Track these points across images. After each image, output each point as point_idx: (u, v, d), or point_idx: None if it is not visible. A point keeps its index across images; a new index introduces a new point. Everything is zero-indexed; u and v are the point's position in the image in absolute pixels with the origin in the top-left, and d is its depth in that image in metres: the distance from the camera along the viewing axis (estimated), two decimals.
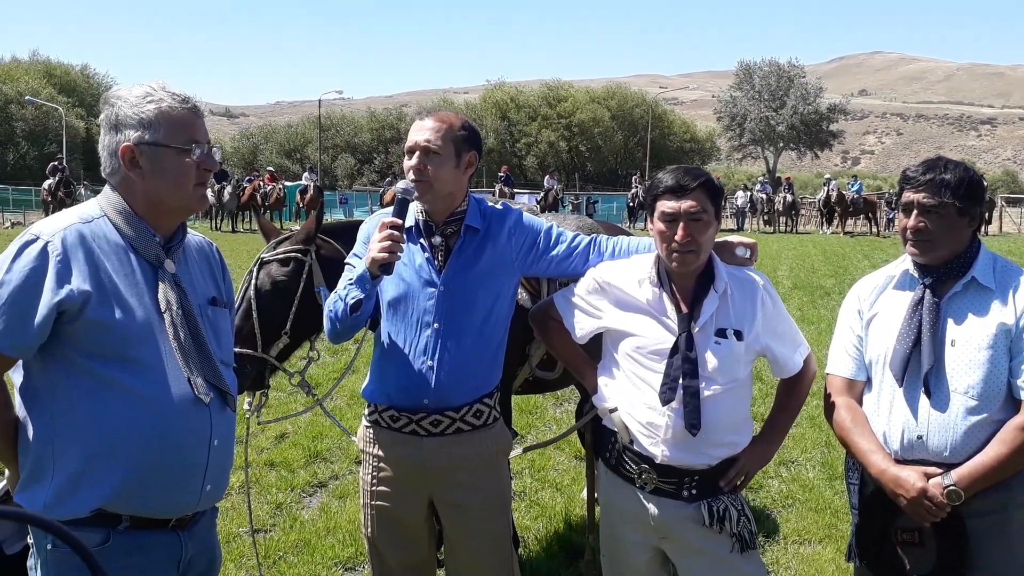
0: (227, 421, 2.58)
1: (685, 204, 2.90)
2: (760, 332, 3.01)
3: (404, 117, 72.08)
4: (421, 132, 3.10)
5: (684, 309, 2.99)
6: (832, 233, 33.64)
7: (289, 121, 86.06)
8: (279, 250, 3.95)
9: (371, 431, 3.29)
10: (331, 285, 3.63)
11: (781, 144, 75.39)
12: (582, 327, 3.24)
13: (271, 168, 40.52)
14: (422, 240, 3.17)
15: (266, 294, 3.87)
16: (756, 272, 3.11)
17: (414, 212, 3.21)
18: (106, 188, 2.51)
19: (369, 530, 3.32)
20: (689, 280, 3.01)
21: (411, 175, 3.08)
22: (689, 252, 2.92)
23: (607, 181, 64.26)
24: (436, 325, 3.12)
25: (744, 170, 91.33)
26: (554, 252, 3.32)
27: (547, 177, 36.92)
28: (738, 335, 2.97)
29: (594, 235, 3.43)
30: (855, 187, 34.67)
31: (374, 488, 3.27)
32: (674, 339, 2.96)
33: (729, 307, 2.99)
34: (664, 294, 3.03)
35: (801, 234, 33.94)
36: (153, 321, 2.41)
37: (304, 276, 3.87)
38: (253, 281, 3.91)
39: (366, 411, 3.32)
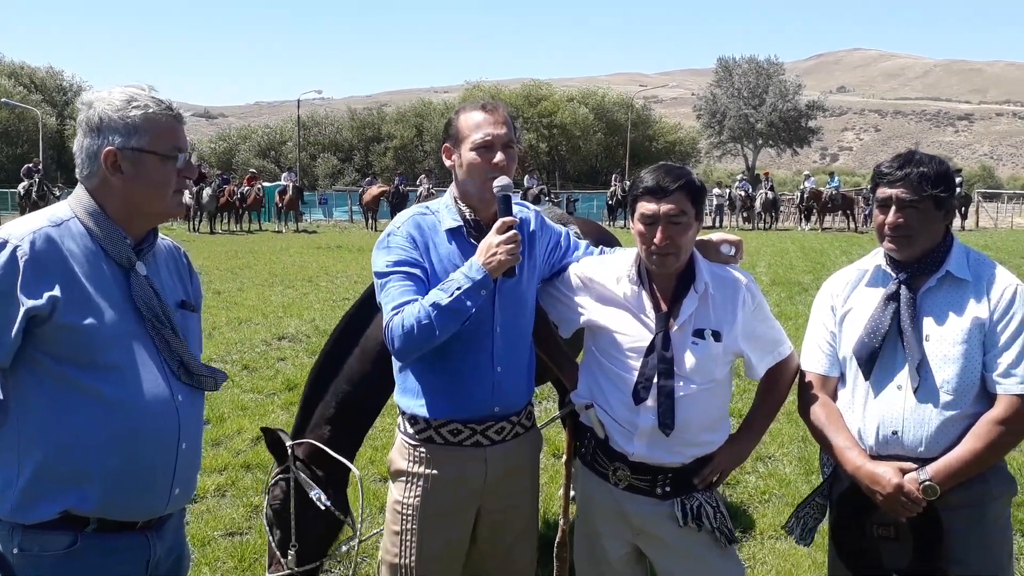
0: (196, 424, 2.56)
1: (664, 207, 2.87)
2: (739, 333, 3.00)
3: (384, 117, 71.88)
4: (498, 126, 3.01)
5: (663, 308, 2.99)
6: (811, 230, 33.80)
7: (268, 122, 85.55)
8: (269, 478, 3.84)
9: (421, 450, 3.09)
10: (322, 478, 3.67)
11: (760, 141, 75.77)
12: (566, 322, 3.24)
13: (253, 169, 40.27)
14: (471, 240, 3.04)
15: (271, 520, 3.79)
16: (740, 271, 3.10)
17: (459, 211, 3.08)
18: (77, 189, 2.48)
19: (407, 558, 3.11)
20: (669, 279, 3.00)
21: (500, 171, 2.98)
22: (668, 255, 2.90)
23: (588, 180, 64.33)
24: (498, 329, 3.06)
25: (724, 167, 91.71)
26: (577, 253, 3.32)
27: (527, 176, 36.99)
28: (716, 336, 2.96)
29: (601, 245, 3.45)
30: (833, 184, 34.89)
31: (423, 512, 3.09)
32: (651, 337, 2.96)
33: (709, 307, 2.98)
34: (643, 292, 3.02)
35: (780, 231, 34.09)
36: (124, 324, 2.38)
37: (293, 493, 3.70)
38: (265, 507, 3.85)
39: (410, 429, 3.13)
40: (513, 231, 2.86)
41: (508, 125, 3.04)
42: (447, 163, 3.12)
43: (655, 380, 2.92)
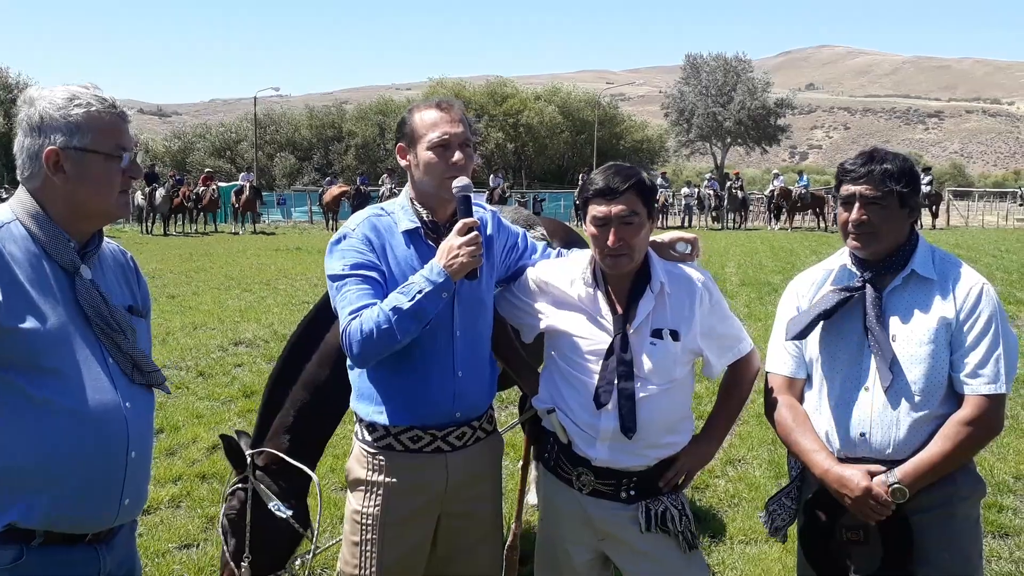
0: (146, 432, 2.53)
1: (616, 208, 2.90)
2: (698, 332, 3.02)
3: (344, 115, 71.52)
4: (454, 124, 3.02)
5: (619, 310, 3.01)
6: (780, 229, 34.11)
7: (224, 120, 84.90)
8: (227, 487, 3.82)
9: (380, 458, 3.10)
10: (282, 487, 3.65)
11: (729, 139, 76.18)
12: (527, 328, 3.26)
13: (209, 169, 39.92)
14: (429, 241, 3.05)
15: (226, 528, 3.77)
16: (697, 268, 3.13)
17: (416, 212, 3.09)
18: (19, 191, 2.45)
19: (367, 568, 3.11)
20: (624, 280, 3.03)
21: (458, 170, 2.98)
22: (621, 255, 2.93)
23: (555, 179, 64.42)
24: (458, 333, 3.07)
25: (692, 166, 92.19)
26: (534, 256, 3.34)
27: (492, 176, 37.03)
28: (674, 335, 2.99)
29: (559, 247, 3.46)
30: (802, 182, 35.22)
31: (382, 521, 3.09)
32: (610, 340, 2.98)
33: (666, 307, 3.01)
34: (599, 294, 3.05)
35: (750, 230, 34.36)
36: (69, 329, 2.35)
37: (251, 503, 3.68)
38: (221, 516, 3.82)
39: (368, 436, 3.13)
40: (474, 232, 2.87)
41: (464, 123, 3.05)
42: (402, 163, 3.12)
43: (615, 383, 2.95)
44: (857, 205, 2.94)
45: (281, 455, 3.69)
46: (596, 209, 2.93)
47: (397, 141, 3.14)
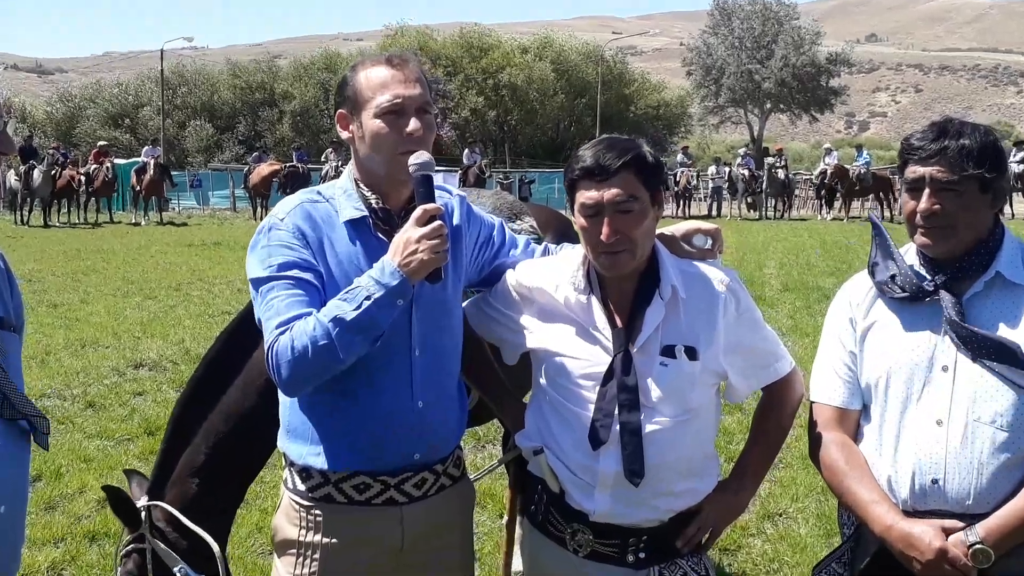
0: (17, 480, 2.51)
1: (609, 192, 2.89)
2: (721, 347, 3.02)
3: (277, 72, 71.31)
4: (409, 84, 3.01)
5: (619, 322, 3.01)
6: (833, 219, 34.22)
7: (122, 78, 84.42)
8: (119, 547, 3.81)
9: (316, 512, 3.09)
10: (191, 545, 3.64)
11: (768, 105, 76.48)
12: (508, 346, 3.27)
13: (102, 142, 39.73)
14: (379, 234, 3.05)
15: None
16: (720, 267, 3.13)
17: (362, 197, 3.08)
18: None
19: None
20: (625, 284, 3.02)
21: (415, 143, 2.97)
22: (619, 252, 2.92)
23: (547, 154, 64.45)
24: (417, 351, 3.07)
25: (722, 139, 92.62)
26: (511, 254, 3.35)
27: (467, 151, 37.06)
28: (691, 352, 2.98)
29: (550, 243, 3.47)
30: (862, 159, 35.33)
31: None
32: (608, 360, 2.98)
33: (680, 316, 3.00)
34: (594, 303, 3.04)
35: (794, 221, 34.48)
36: None
37: (151, 567, 3.68)
38: None
39: (301, 485, 3.12)
40: (438, 222, 2.85)
41: (422, 83, 3.04)
42: (343, 135, 3.11)
43: (616, 414, 2.94)
44: (927, 192, 2.94)
45: (175, 513, 3.69)
46: (585, 195, 2.92)
47: (337, 107, 3.13)
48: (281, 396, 3.14)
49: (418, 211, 2.87)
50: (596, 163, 2.90)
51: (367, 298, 2.80)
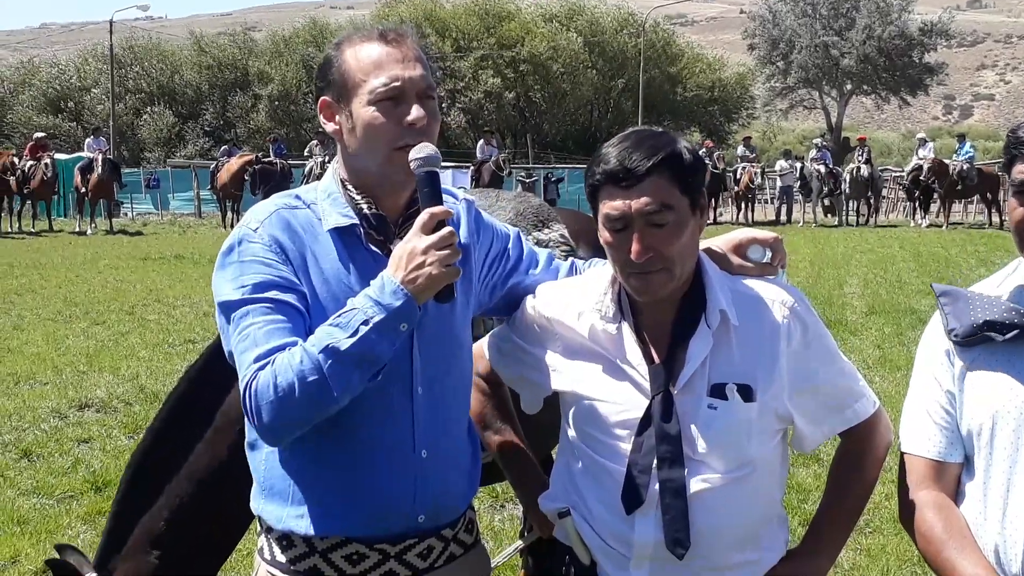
0: None
1: (637, 201, 2.85)
2: (786, 385, 3.00)
3: (252, 48, 71.60)
4: (408, 64, 3.00)
5: (656, 357, 2.99)
6: (930, 225, 34.13)
7: (62, 55, 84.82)
8: None
9: None
10: None
11: (849, 86, 76.40)
12: (529, 389, 3.28)
13: (40, 133, 39.89)
14: (371, 246, 3.05)
15: None
16: (783, 286, 3.10)
17: (350, 201, 3.07)
18: None
19: None
20: (664, 310, 3.00)
21: (417, 134, 2.96)
22: (654, 273, 2.89)
23: (578, 146, 64.53)
24: (420, 389, 3.06)
25: (792, 127, 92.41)
26: (530, 272, 3.35)
27: (481, 143, 37.06)
28: (746, 392, 2.95)
29: (572, 258, 3.45)
30: (964, 152, 35.18)
31: None
32: (645, 404, 2.96)
33: (732, 348, 2.98)
34: (626, 332, 3.02)
35: (882, 227, 34.39)
36: None
37: None
38: None
39: (281, 555, 3.12)
40: (448, 228, 2.82)
41: (423, 62, 3.04)
42: (328, 127, 3.10)
43: (655, 470, 2.92)
44: None
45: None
46: (609, 204, 2.89)
47: (319, 93, 3.11)
48: (255, 447, 3.13)
49: (424, 215, 2.83)
50: (620, 165, 2.86)
51: (365, 322, 2.76)
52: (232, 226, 32.49)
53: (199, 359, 3.88)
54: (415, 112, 2.96)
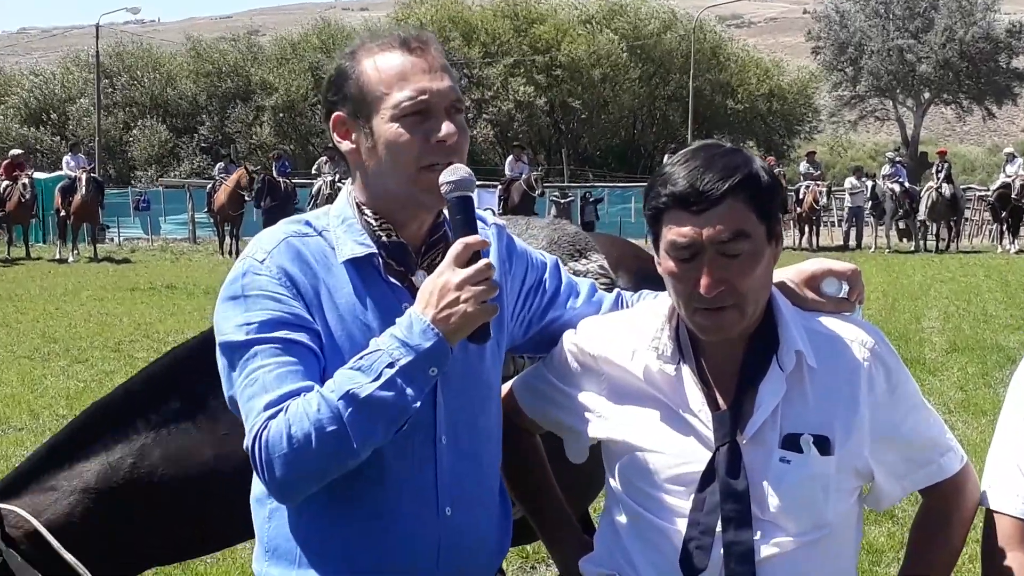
0: None
1: (710, 228, 2.81)
2: (867, 437, 2.97)
3: (256, 53, 71.95)
4: (433, 76, 3.00)
5: (722, 403, 2.96)
6: (1019, 251, 33.99)
7: (43, 62, 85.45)
8: None
9: None
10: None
11: (927, 94, 76.31)
12: (569, 437, 3.25)
13: (17, 150, 40.10)
14: (391, 278, 3.05)
15: None
16: (861, 324, 3.08)
17: (367, 227, 3.06)
18: None
19: None
20: (731, 350, 2.98)
21: (448, 154, 2.96)
22: (724, 310, 2.86)
23: (619, 162, 64.65)
24: (444, 439, 3.06)
25: (862, 141, 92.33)
26: (569, 305, 3.35)
27: (510, 158, 37.13)
28: (823, 445, 2.92)
29: (625, 288, 3.47)
30: None
31: None
32: (708, 456, 2.93)
33: (807, 395, 2.95)
34: (686, 375, 3.00)
35: (965, 253, 34.28)
36: None
37: None
38: None
39: None
40: (484, 260, 2.81)
41: (450, 73, 3.04)
42: (342, 146, 3.09)
43: (719, 532, 2.89)
44: None
45: (36, 524, 3.73)
46: (676, 230, 2.85)
47: (331, 108, 3.10)
48: (260, 503, 3.12)
49: (457, 246, 2.81)
50: (691, 187, 2.81)
51: (390, 365, 2.74)
52: (230, 252, 32.95)
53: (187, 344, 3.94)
54: (446, 128, 2.95)
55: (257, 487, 3.07)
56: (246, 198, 34.16)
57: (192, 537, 3.95)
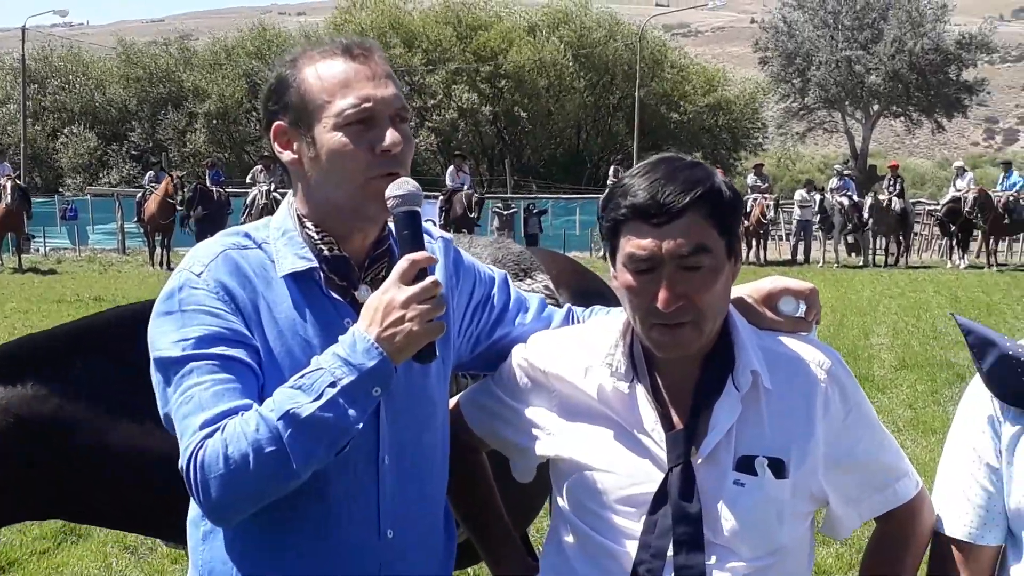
0: None
1: (670, 242, 2.81)
2: (821, 460, 2.98)
3: (189, 57, 71.68)
4: (378, 84, 3.00)
5: (677, 422, 2.96)
6: (970, 267, 34.25)
7: None
8: None
9: None
10: None
11: (876, 106, 76.80)
12: (518, 455, 3.26)
13: None
14: (333, 293, 3.04)
15: None
16: (817, 344, 3.10)
17: (309, 241, 3.05)
18: None
19: None
20: (686, 368, 2.98)
21: (393, 164, 2.96)
22: (682, 326, 2.86)
23: (564, 172, 64.73)
24: (386, 460, 3.05)
25: (812, 153, 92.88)
26: (518, 321, 3.36)
27: (451, 168, 37.14)
28: (778, 468, 2.93)
29: (568, 305, 3.49)
30: (1010, 182, 35.35)
31: None
32: (661, 477, 2.92)
33: (762, 416, 2.95)
34: (640, 393, 2.99)
35: (914, 268, 34.52)
36: None
37: None
38: None
39: None
40: (431, 278, 2.81)
41: (394, 80, 3.04)
42: (283, 156, 3.07)
43: (670, 556, 2.88)
44: None
45: None
46: (635, 242, 2.85)
47: (271, 118, 3.09)
48: (197, 524, 3.10)
49: (403, 262, 2.82)
50: (652, 199, 2.81)
51: (332, 384, 2.74)
52: (161, 264, 32.88)
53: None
54: (390, 137, 2.95)
55: (192, 509, 3.04)
56: (176, 207, 34.02)
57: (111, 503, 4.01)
